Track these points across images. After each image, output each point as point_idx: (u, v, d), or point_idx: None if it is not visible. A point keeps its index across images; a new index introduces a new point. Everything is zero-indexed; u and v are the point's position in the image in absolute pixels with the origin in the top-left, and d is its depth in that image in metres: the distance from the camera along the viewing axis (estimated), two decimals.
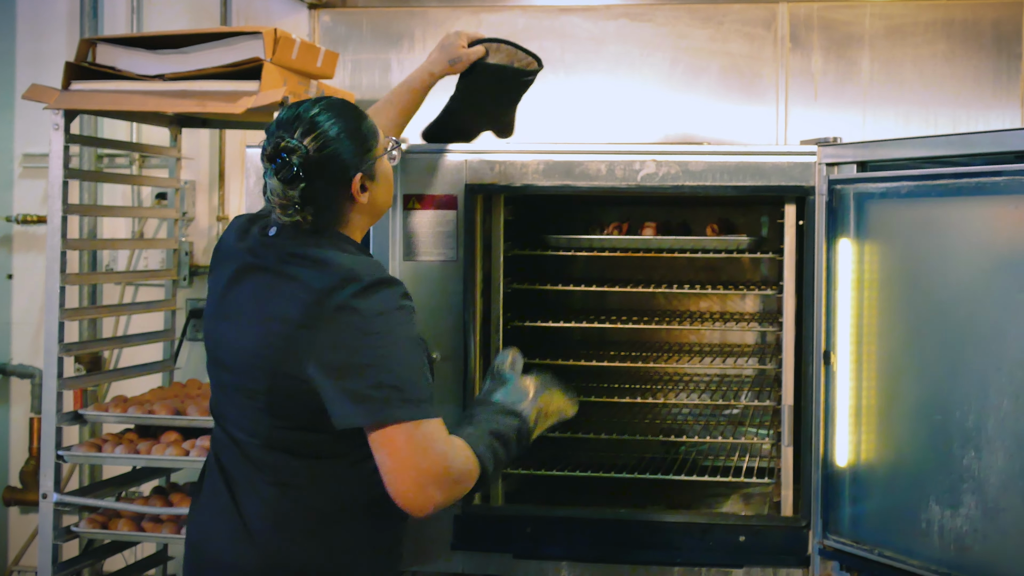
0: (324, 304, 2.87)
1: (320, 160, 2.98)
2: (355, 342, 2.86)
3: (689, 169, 4.11)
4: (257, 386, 2.96)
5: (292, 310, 2.90)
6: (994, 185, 3.33)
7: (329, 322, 2.86)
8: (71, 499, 4.80)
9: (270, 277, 2.99)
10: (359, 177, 3.04)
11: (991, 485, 3.34)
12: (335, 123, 3.02)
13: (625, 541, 4.17)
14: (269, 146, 3.01)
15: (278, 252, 3.01)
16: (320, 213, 3.02)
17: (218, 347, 3.10)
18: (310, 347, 2.87)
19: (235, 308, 3.05)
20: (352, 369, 2.85)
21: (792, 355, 4.15)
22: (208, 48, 4.63)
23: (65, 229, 4.71)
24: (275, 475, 3.00)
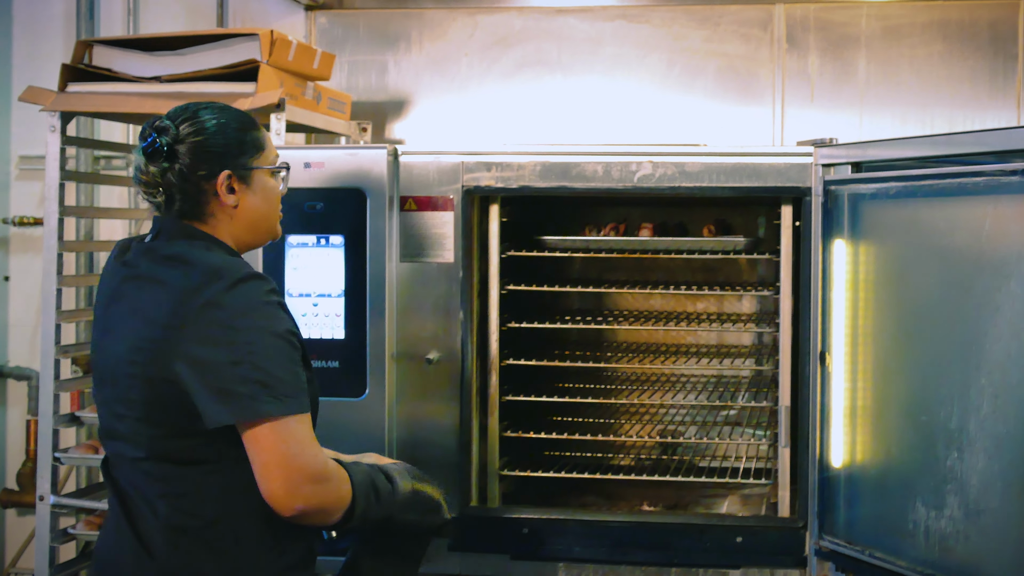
0: (188, 303, 2.81)
1: (189, 145, 2.95)
2: (220, 338, 2.79)
3: (686, 170, 4.11)
4: (134, 395, 2.89)
5: (158, 312, 2.85)
6: (975, 185, 3.33)
7: (194, 321, 2.80)
8: (68, 501, 4.80)
9: (141, 283, 2.94)
10: (226, 175, 2.98)
11: (972, 486, 3.34)
12: (217, 119, 3.00)
13: (622, 542, 4.17)
14: (147, 126, 2.99)
15: (151, 257, 2.97)
16: (180, 200, 2.97)
17: (99, 363, 3.05)
18: (176, 347, 2.81)
19: (113, 322, 2.99)
20: (217, 366, 2.78)
21: (789, 356, 4.15)
22: (204, 50, 4.63)
23: (62, 231, 4.72)
24: (164, 487, 2.91)
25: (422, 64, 5.55)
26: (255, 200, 3.04)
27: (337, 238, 4.15)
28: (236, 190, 3.00)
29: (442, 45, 5.54)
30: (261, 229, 3.09)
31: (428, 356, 4.21)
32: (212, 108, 3.03)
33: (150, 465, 2.92)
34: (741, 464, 4.66)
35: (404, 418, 4.22)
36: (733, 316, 5.01)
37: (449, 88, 5.54)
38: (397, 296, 4.21)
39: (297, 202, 4.05)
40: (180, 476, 2.90)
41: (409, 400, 4.21)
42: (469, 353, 4.22)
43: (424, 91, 5.55)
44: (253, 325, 2.81)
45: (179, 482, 2.91)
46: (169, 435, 2.88)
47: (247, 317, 2.81)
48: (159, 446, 2.90)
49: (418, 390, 4.24)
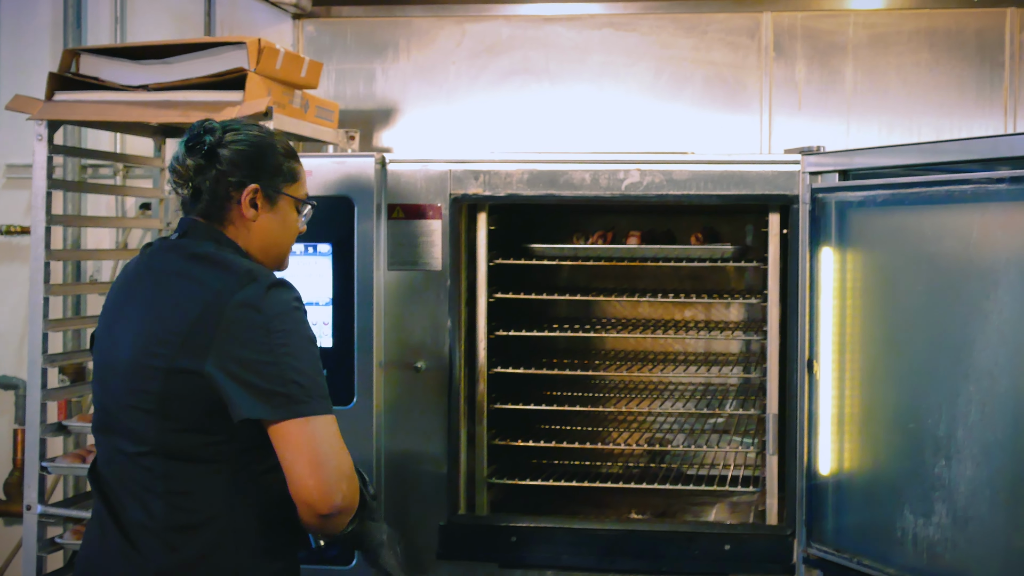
0: (224, 302, 2.86)
1: (229, 151, 3.05)
2: (258, 339, 2.85)
3: (673, 178, 4.12)
4: (149, 387, 2.91)
5: (190, 307, 2.89)
6: (962, 193, 3.33)
7: (230, 320, 2.85)
8: (56, 510, 4.79)
9: (166, 278, 3.00)
10: (253, 188, 3.06)
11: (960, 494, 3.34)
12: (260, 138, 3.11)
13: (611, 550, 4.17)
14: (197, 124, 3.08)
15: (179, 253, 3.03)
16: (206, 199, 3.05)
17: (106, 358, 3.07)
18: (209, 344, 2.85)
19: (126, 316, 3.03)
20: (257, 365, 2.84)
21: (776, 364, 4.16)
22: (192, 58, 4.63)
23: (49, 240, 4.71)
24: (165, 484, 2.93)
25: (410, 72, 5.56)
26: (273, 223, 3.12)
27: (325, 246, 4.15)
28: (259, 207, 3.08)
29: (430, 53, 5.55)
30: (271, 254, 3.15)
31: (416, 364, 4.21)
32: (261, 128, 3.14)
33: (152, 460, 2.94)
34: (729, 472, 4.66)
35: (392, 426, 4.22)
36: (721, 324, 5.01)
37: (437, 96, 5.54)
38: (385, 304, 4.21)
39: None
40: (183, 473, 2.93)
41: (397, 408, 4.21)
42: (457, 361, 4.22)
43: (412, 99, 5.55)
44: (288, 328, 2.88)
45: (181, 480, 2.93)
46: (180, 429, 2.91)
47: (282, 320, 2.88)
48: (167, 440, 2.92)
49: (406, 398, 4.24)
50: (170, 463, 2.93)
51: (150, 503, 2.93)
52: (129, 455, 2.97)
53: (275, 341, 2.85)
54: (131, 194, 5.68)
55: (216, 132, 3.05)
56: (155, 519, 2.92)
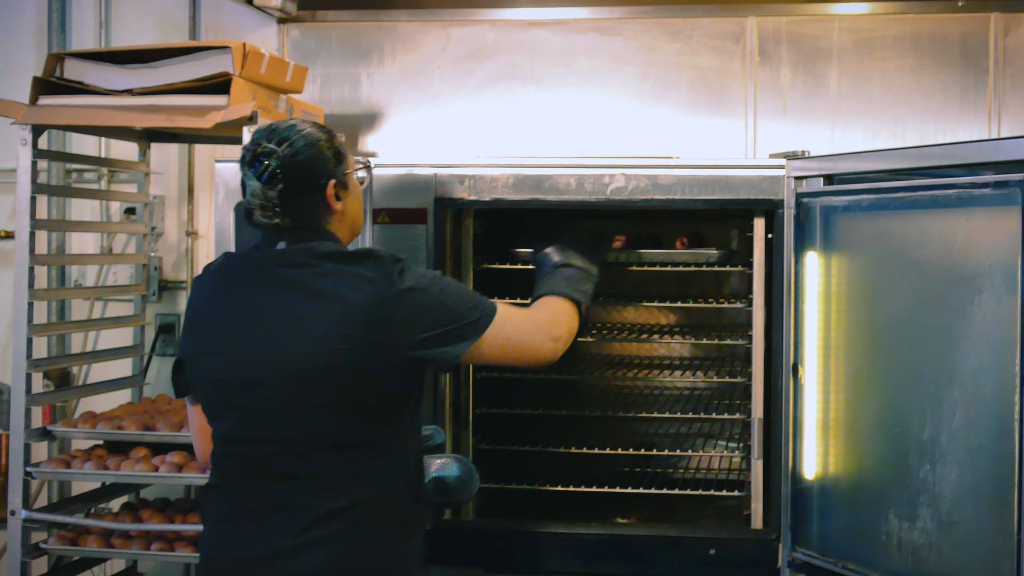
0: (389, 288, 3.10)
1: (295, 163, 3.17)
2: (432, 307, 3.16)
3: (658, 183, 4.12)
4: (326, 384, 3.07)
5: (361, 299, 3.07)
6: (947, 198, 3.34)
7: (401, 302, 3.11)
8: (40, 516, 4.78)
9: (317, 276, 3.12)
10: (333, 184, 3.22)
11: (945, 498, 3.35)
12: (307, 134, 3.22)
13: (597, 555, 4.17)
14: (248, 153, 3.20)
15: (310, 254, 3.15)
16: (299, 216, 3.19)
17: (250, 367, 3.14)
18: (394, 326, 3.09)
19: (267, 320, 3.13)
20: (442, 323, 3.17)
21: (761, 368, 4.16)
22: (177, 63, 4.62)
23: (33, 244, 4.69)
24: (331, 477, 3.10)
25: (395, 77, 5.55)
26: (353, 202, 3.33)
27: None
28: (341, 197, 3.25)
29: (415, 58, 5.55)
30: (356, 227, 3.39)
31: None
32: (297, 126, 3.25)
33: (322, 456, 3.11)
34: (715, 476, 4.66)
35: None
36: (706, 328, 5.01)
37: (422, 101, 5.54)
38: None
39: None
40: (352, 462, 3.11)
41: None
42: None
43: (397, 104, 5.55)
44: (438, 283, 3.23)
45: (349, 469, 3.11)
46: (360, 417, 3.12)
47: (431, 281, 3.21)
48: (341, 432, 3.11)
49: None
50: (339, 455, 3.11)
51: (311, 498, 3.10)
52: (280, 456, 3.12)
53: (441, 299, 3.19)
54: (116, 199, 5.67)
55: (275, 153, 3.16)
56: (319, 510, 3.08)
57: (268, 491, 3.13)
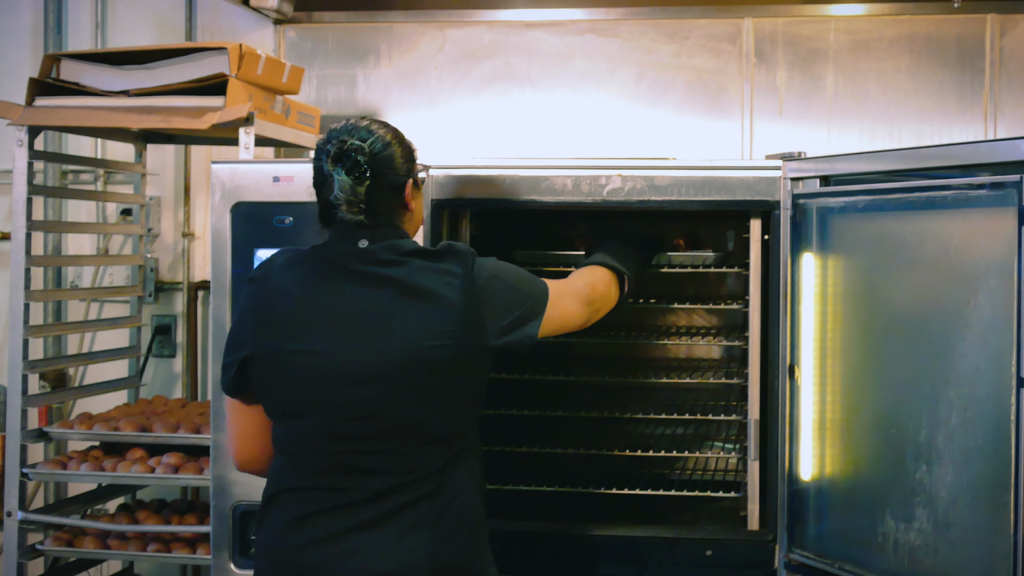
0: (473, 282, 3.20)
1: (381, 160, 3.21)
2: (508, 294, 3.30)
3: (655, 184, 4.12)
4: (423, 381, 3.12)
5: (453, 295, 3.15)
6: (943, 199, 3.34)
7: (483, 294, 3.21)
8: (36, 517, 4.78)
9: (408, 275, 3.17)
10: (410, 183, 3.29)
11: (941, 499, 3.35)
12: (387, 131, 3.30)
13: (593, 556, 4.17)
14: (334, 148, 3.19)
15: (397, 252, 3.20)
16: (381, 214, 3.23)
17: (346, 365, 3.14)
18: (480, 319, 3.18)
19: (364, 318, 3.15)
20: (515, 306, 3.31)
21: (758, 369, 4.16)
22: (173, 64, 4.62)
23: (29, 245, 4.70)
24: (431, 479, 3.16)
25: (391, 78, 5.56)
26: (420, 202, 3.42)
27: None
28: (415, 196, 3.33)
29: (411, 59, 5.55)
30: (418, 226, 3.44)
31: None
32: (374, 121, 3.32)
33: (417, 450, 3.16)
34: (711, 477, 4.66)
35: None
36: (703, 329, 5.01)
37: (419, 102, 5.54)
38: None
39: (266, 216, 4.04)
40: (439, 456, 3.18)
41: None
42: None
43: (393, 105, 5.56)
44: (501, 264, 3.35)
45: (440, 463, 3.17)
46: (450, 411, 3.19)
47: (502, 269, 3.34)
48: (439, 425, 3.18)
49: None
50: (431, 447, 3.17)
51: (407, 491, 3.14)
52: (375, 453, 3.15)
53: (512, 283, 3.33)
54: (112, 200, 5.67)
55: (363, 150, 3.19)
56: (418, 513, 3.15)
57: (356, 486, 3.14)
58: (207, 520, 4.59)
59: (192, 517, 4.86)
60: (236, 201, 4.08)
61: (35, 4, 5.82)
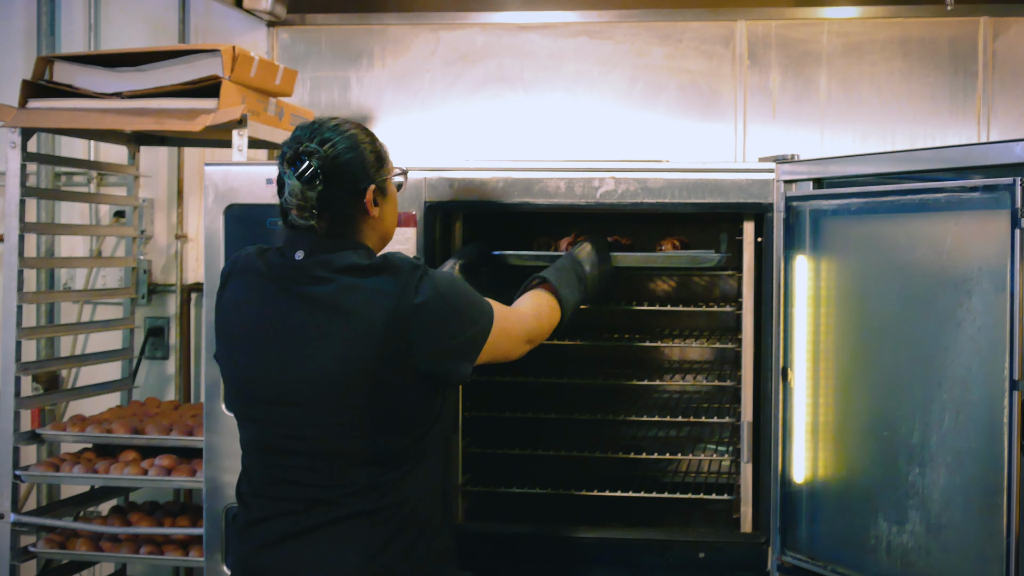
0: (405, 301, 3.05)
1: (338, 165, 3.13)
2: (444, 314, 3.12)
3: (648, 186, 4.12)
4: (351, 402, 3.05)
5: (377, 316, 3.03)
6: (936, 202, 3.34)
7: (418, 313, 3.06)
8: (29, 519, 4.78)
9: (333, 294, 3.08)
10: (372, 189, 3.19)
11: (934, 501, 3.35)
12: (351, 135, 3.19)
13: (585, 558, 4.17)
14: (289, 150, 3.14)
15: (329, 268, 3.10)
16: (335, 220, 3.16)
17: (270, 383, 3.13)
18: (411, 342, 3.05)
19: (288, 338, 3.10)
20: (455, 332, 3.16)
21: (751, 372, 4.16)
22: (166, 66, 4.62)
23: (22, 247, 4.69)
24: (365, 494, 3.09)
25: (384, 80, 5.56)
26: (390, 209, 3.31)
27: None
28: (379, 203, 3.22)
29: (404, 61, 5.55)
30: (390, 232, 3.34)
31: None
32: (341, 126, 3.20)
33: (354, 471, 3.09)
34: (704, 480, 4.66)
35: None
36: (695, 332, 5.01)
37: (412, 104, 5.54)
38: None
39: (259, 218, 4.04)
40: (385, 479, 3.10)
41: None
42: None
43: (387, 107, 5.56)
44: (451, 288, 3.19)
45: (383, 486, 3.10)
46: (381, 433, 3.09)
47: (444, 285, 3.15)
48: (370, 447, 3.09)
49: None
50: (371, 470, 3.09)
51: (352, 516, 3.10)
52: (318, 471, 3.11)
53: (460, 309, 3.17)
54: (105, 202, 5.67)
55: (317, 153, 3.11)
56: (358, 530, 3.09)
57: (293, 497, 3.13)
58: (200, 522, 4.58)
59: (185, 519, 4.86)
60: (229, 203, 4.08)
61: (28, 7, 5.82)
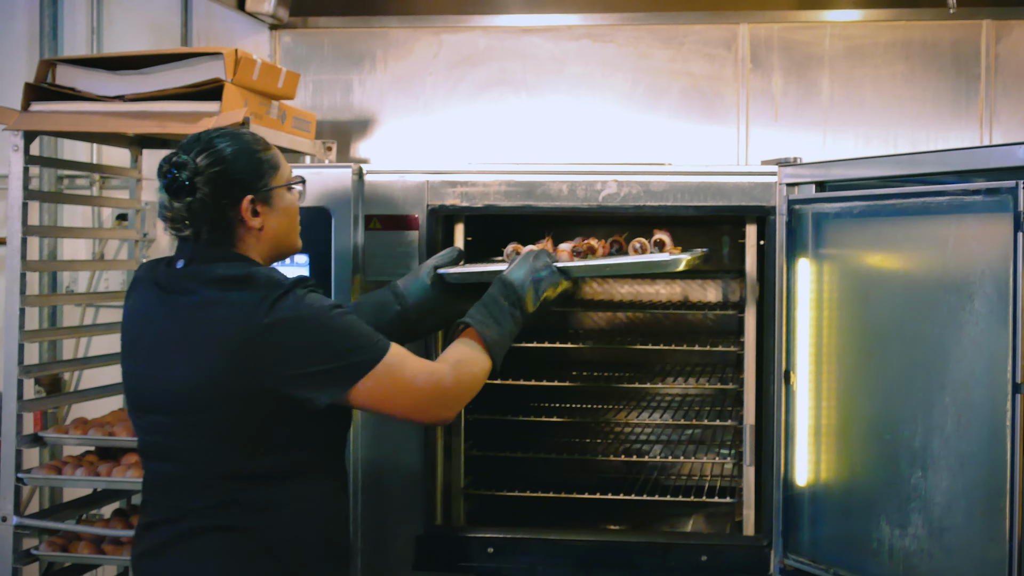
0: (258, 318, 2.96)
1: (209, 176, 3.08)
2: (301, 338, 3.00)
3: (650, 189, 4.12)
4: (207, 415, 3.00)
5: (229, 331, 2.96)
6: (938, 205, 3.34)
7: (270, 332, 2.96)
8: (31, 522, 4.77)
9: (194, 306, 3.04)
10: (249, 199, 3.12)
11: (936, 505, 3.35)
12: (231, 145, 3.13)
13: (587, 562, 4.17)
14: (163, 163, 3.11)
15: (199, 280, 3.06)
16: (213, 230, 3.11)
17: (144, 390, 3.14)
18: (260, 361, 2.96)
19: (159, 347, 3.10)
20: (311, 360, 3.02)
21: (753, 375, 4.16)
22: (169, 69, 4.62)
23: (25, 251, 4.69)
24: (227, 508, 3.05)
25: (387, 83, 5.56)
26: (277, 218, 3.20)
27: (302, 257, 4.14)
28: (260, 212, 3.14)
29: (407, 64, 5.55)
30: (284, 244, 3.26)
31: None
32: (226, 136, 3.15)
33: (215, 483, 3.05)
34: (706, 483, 4.66)
35: (369, 437, 4.21)
36: (698, 334, 5.01)
37: (414, 107, 5.54)
38: None
39: None
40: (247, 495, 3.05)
41: (374, 419, 4.20)
42: None
43: (389, 110, 5.56)
44: (315, 314, 3.04)
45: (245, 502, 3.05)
46: (244, 452, 3.03)
47: (307, 309, 3.03)
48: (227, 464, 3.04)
49: None
50: (230, 484, 3.05)
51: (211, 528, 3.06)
52: (183, 480, 3.09)
53: (314, 329, 3.02)
54: (107, 205, 5.67)
55: (188, 164, 3.06)
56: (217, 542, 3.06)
57: (164, 504, 3.14)
58: None
59: None
60: None
61: (31, 10, 5.82)
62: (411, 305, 3.74)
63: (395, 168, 4.24)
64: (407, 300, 3.75)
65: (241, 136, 3.17)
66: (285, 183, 3.22)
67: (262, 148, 3.19)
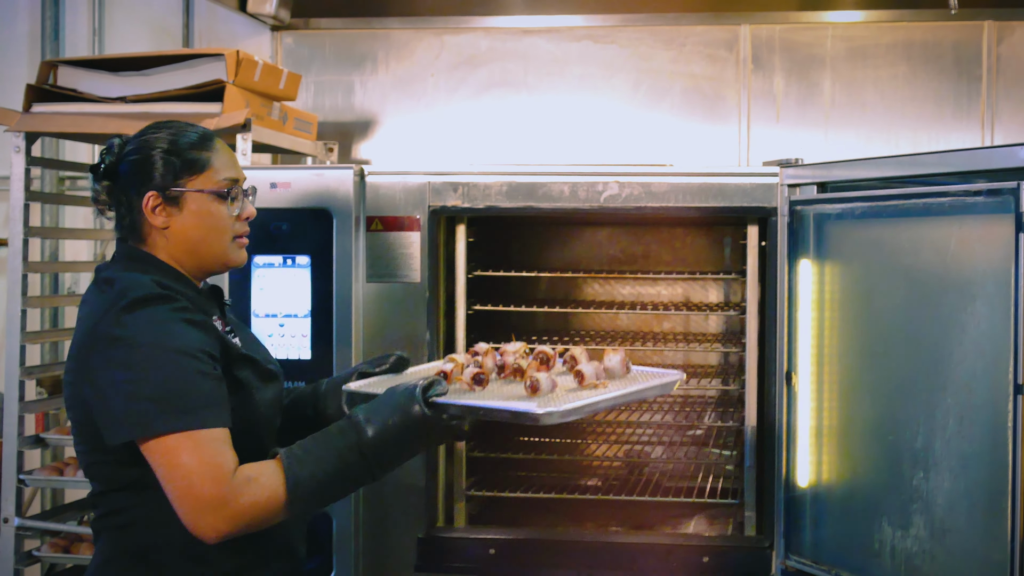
0: (99, 325, 2.79)
1: (127, 165, 2.94)
2: (119, 358, 2.74)
3: (652, 190, 4.12)
4: (71, 416, 2.92)
5: (79, 334, 2.87)
6: (940, 206, 3.34)
7: (101, 342, 2.77)
8: (33, 523, 4.77)
9: (82, 306, 2.97)
10: (153, 196, 2.92)
11: (938, 506, 3.35)
12: (164, 138, 2.97)
13: (588, 562, 4.17)
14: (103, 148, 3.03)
15: (95, 279, 2.99)
16: (121, 222, 2.99)
17: None
18: (86, 368, 2.80)
19: None
20: (116, 385, 2.73)
21: (755, 375, 4.16)
22: (170, 70, 4.62)
23: (26, 252, 4.70)
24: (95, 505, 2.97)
25: (388, 84, 5.56)
26: (188, 223, 2.96)
27: (303, 258, 4.14)
28: (168, 213, 2.94)
29: (408, 65, 5.55)
30: (202, 254, 2.99)
31: None
32: (168, 126, 3.00)
33: (93, 485, 2.96)
34: (708, 484, 4.66)
35: None
36: (700, 336, 5.01)
37: (415, 108, 5.54)
38: (363, 316, 4.20)
39: (263, 222, 4.03)
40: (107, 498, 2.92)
41: None
42: None
43: (390, 111, 5.55)
44: (151, 343, 2.73)
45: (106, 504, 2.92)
46: (95, 456, 2.88)
47: (146, 335, 2.74)
48: (88, 466, 2.92)
49: None
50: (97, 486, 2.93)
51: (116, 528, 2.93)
52: None
53: (134, 358, 2.74)
54: None
55: (115, 148, 2.97)
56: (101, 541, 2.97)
57: None
58: None
59: None
60: None
61: (32, 11, 5.82)
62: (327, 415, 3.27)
63: (396, 169, 4.24)
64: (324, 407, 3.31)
65: (181, 131, 2.99)
66: (211, 188, 2.96)
67: (196, 147, 2.98)
